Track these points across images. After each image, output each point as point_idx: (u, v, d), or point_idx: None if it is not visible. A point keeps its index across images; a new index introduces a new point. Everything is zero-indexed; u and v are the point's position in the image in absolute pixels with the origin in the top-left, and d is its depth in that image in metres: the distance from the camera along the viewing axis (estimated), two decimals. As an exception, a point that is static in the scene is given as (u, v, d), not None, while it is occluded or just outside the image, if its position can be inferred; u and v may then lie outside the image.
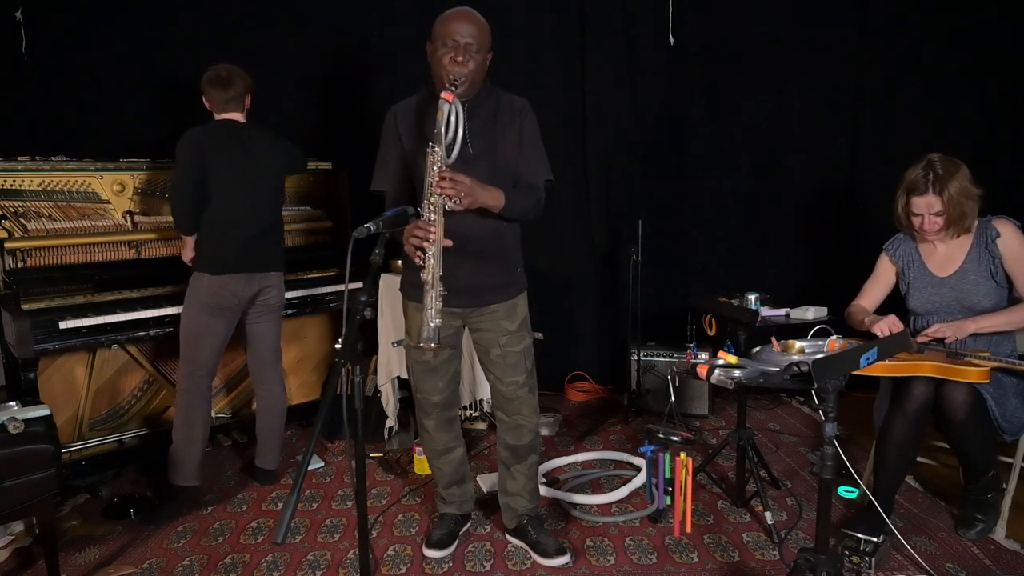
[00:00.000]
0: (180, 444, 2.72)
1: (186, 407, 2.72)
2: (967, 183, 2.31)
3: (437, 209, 1.90)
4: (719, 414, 3.70)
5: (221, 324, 2.73)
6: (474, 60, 2.01)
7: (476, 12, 2.06)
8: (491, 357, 2.27)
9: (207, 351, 2.72)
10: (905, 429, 2.28)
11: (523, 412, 2.31)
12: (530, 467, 2.40)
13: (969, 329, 2.33)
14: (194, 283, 2.70)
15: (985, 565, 2.23)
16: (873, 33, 3.72)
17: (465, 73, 1.99)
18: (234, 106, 2.74)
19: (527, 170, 2.17)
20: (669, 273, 3.99)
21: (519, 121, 2.14)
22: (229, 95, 2.70)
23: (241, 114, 2.77)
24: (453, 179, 1.89)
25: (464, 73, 1.99)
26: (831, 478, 1.71)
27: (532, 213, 2.18)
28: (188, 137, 2.65)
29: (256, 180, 2.74)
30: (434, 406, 2.34)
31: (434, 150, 1.89)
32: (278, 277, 2.87)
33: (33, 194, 2.86)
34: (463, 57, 1.99)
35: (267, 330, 2.90)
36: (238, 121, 2.76)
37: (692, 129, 3.90)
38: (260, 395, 2.96)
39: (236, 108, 2.75)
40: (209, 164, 2.64)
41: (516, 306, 2.26)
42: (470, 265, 2.10)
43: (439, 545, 2.41)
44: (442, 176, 1.88)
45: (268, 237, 2.81)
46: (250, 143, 2.74)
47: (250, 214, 2.73)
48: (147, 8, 3.48)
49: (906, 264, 2.51)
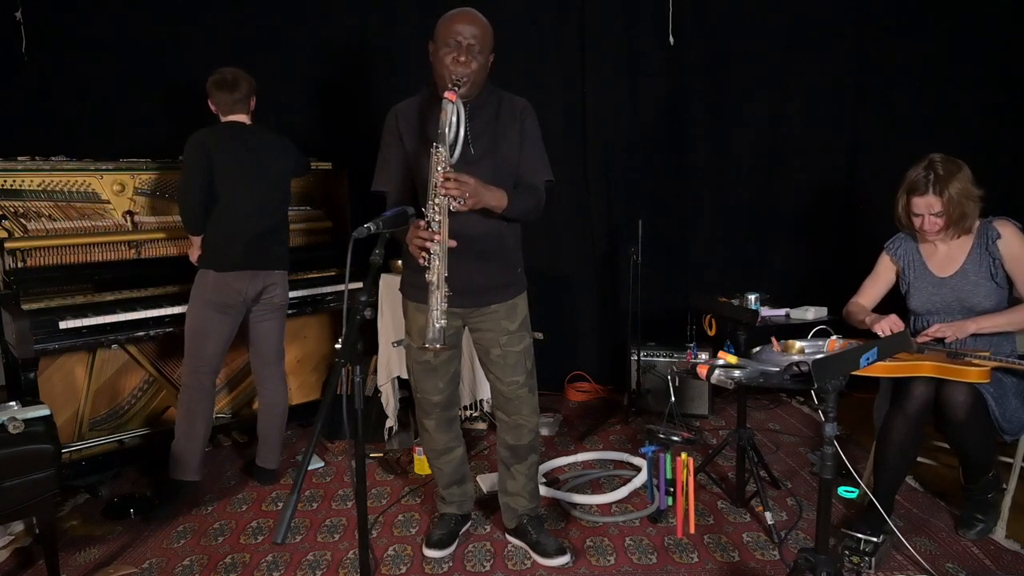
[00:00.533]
0: (182, 439, 2.74)
1: (189, 403, 2.74)
2: (968, 184, 2.31)
3: (442, 210, 1.90)
4: (719, 414, 3.69)
5: (225, 321, 2.75)
6: (476, 61, 2.01)
7: (479, 13, 2.06)
8: (491, 357, 2.27)
9: (211, 348, 2.74)
10: (905, 429, 2.28)
11: (523, 412, 2.31)
12: (530, 467, 2.40)
13: (969, 329, 2.33)
14: (199, 280, 2.73)
15: (985, 565, 2.23)
16: (873, 33, 3.72)
17: (468, 73, 1.99)
18: (240, 108, 2.77)
19: (528, 170, 2.17)
20: (669, 273, 4.00)
21: (520, 121, 2.14)
22: (235, 97, 2.74)
23: (247, 116, 2.80)
24: (458, 180, 1.89)
25: (467, 73, 1.99)
26: (831, 478, 1.71)
27: (533, 213, 2.18)
28: (195, 138, 2.68)
29: (262, 180, 2.77)
30: (434, 406, 2.34)
31: (438, 151, 1.89)
32: (282, 276, 2.89)
33: (33, 194, 2.86)
34: (466, 57, 1.99)
35: (270, 329, 2.91)
36: (244, 123, 2.79)
37: (692, 129, 3.90)
38: (262, 394, 2.96)
39: (242, 110, 2.78)
40: (216, 165, 2.67)
41: (516, 306, 2.26)
42: (471, 265, 2.10)
43: (439, 545, 2.41)
44: (447, 177, 1.88)
45: (273, 236, 2.84)
46: (256, 144, 2.77)
47: (256, 213, 2.76)
48: (147, 8, 3.47)
49: (907, 264, 2.51)
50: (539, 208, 2.19)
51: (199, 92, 2.78)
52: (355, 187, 3.51)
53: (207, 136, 2.69)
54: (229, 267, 2.70)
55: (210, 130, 2.73)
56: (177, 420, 2.76)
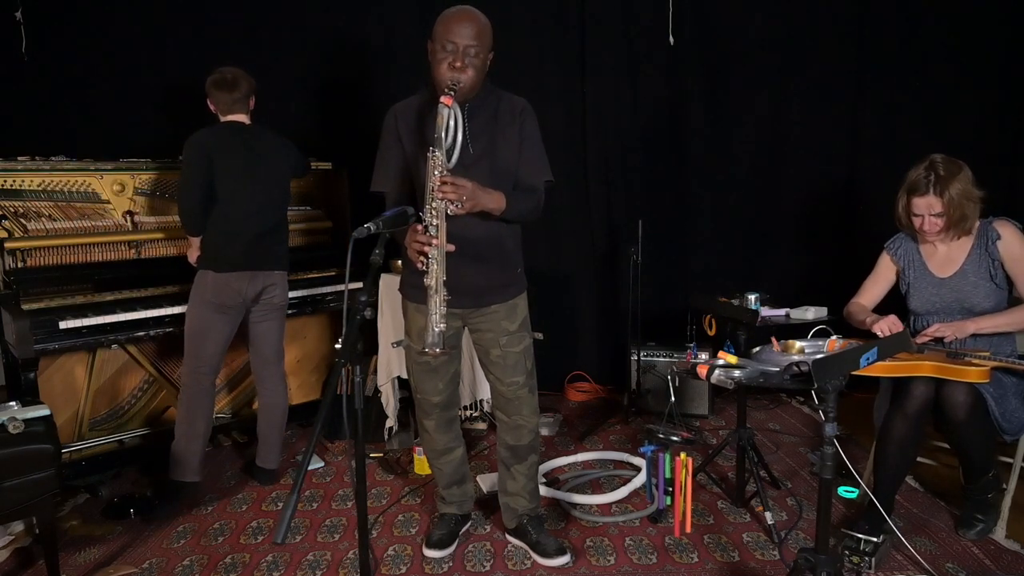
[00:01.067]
0: (182, 440, 2.73)
1: (189, 403, 2.74)
2: (969, 185, 2.31)
3: (439, 214, 1.89)
4: (719, 414, 3.69)
5: (225, 322, 2.74)
6: (473, 66, 1.99)
7: (478, 12, 2.03)
8: (491, 358, 2.27)
9: (211, 348, 2.74)
10: (905, 429, 2.28)
11: (523, 412, 2.31)
12: (530, 467, 2.40)
13: (969, 329, 2.33)
14: (199, 281, 2.72)
15: (985, 565, 2.23)
16: (873, 33, 3.72)
17: (464, 79, 1.98)
18: (239, 108, 2.77)
19: (527, 171, 2.16)
20: (669, 273, 3.99)
21: (520, 122, 2.13)
22: (234, 97, 2.73)
23: (246, 116, 2.80)
24: (455, 183, 1.89)
25: (463, 79, 1.98)
26: (831, 478, 1.71)
27: (532, 215, 2.17)
28: (195, 139, 2.68)
29: (262, 180, 2.76)
30: (434, 406, 2.34)
31: (435, 155, 1.88)
32: (282, 276, 2.88)
33: (33, 194, 2.86)
34: (461, 63, 1.98)
35: (270, 329, 2.90)
36: (244, 123, 2.78)
37: (692, 129, 3.89)
38: (262, 394, 2.96)
39: (241, 110, 2.77)
40: (216, 165, 2.66)
41: (516, 306, 2.26)
42: (470, 267, 2.10)
43: (439, 545, 2.41)
44: (444, 180, 1.88)
45: (273, 236, 2.83)
46: (256, 144, 2.77)
47: (255, 213, 2.75)
48: (147, 8, 3.48)
49: (907, 264, 2.51)
50: (538, 209, 2.19)
51: (199, 92, 2.78)
52: (355, 187, 3.51)
53: (207, 136, 2.68)
54: (229, 268, 2.70)
55: (210, 130, 2.72)
56: (177, 421, 2.76)
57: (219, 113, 2.78)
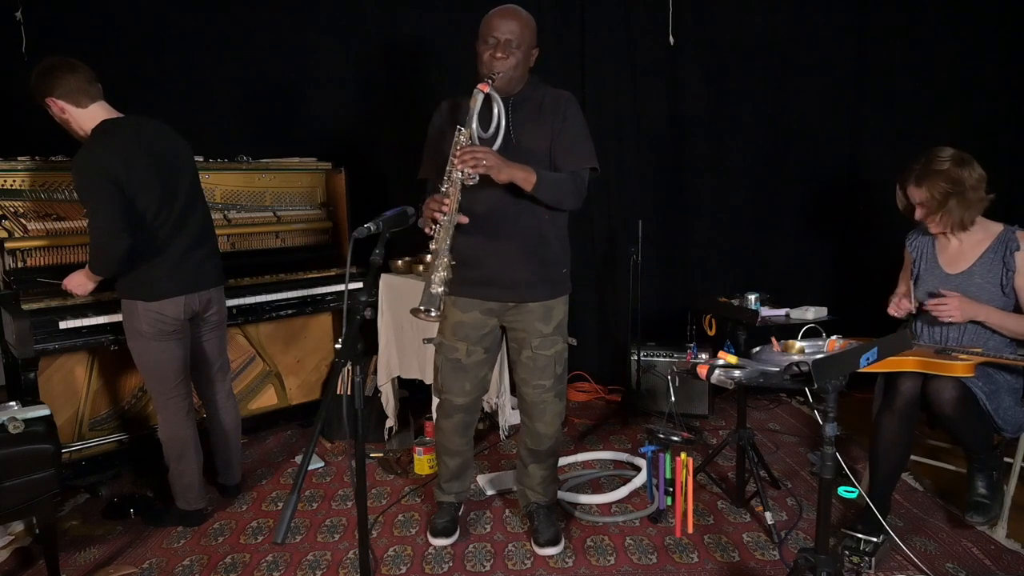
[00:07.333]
0: (175, 472, 2.57)
1: (171, 435, 2.53)
2: (965, 180, 2.29)
3: (454, 183, 1.96)
4: (719, 414, 3.69)
5: (173, 346, 2.47)
6: (514, 56, 2.08)
7: (519, 8, 2.13)
8: (521, 358, 2.29)
9: (171, 375, 2.48)
10: (895, 426, 2.27)
11: (546, 418, 2.33)
12: (548, 468, 2.44)
13: (977, 313, 2.30)
14: (127, 313, 2.42)
15: (985, 565, 2.23)
16: (873, 32, 3.72)
17: (503, 68, 2.07)
18: (99, 92, 2.34)
19: (566, 155, 2.17)
20: (669, 273, 3.99)
21: (563, 111, 2.17)
22: (88, 77, 2.30)
23: (107, 103, 2.38)
24: (473, 152, 1.94)
25: (502, 68, 2.07)
26: (831, 478, 1.71)
27: (570, 199, 2.16)
28: (92, 160, 2.22)
29: (175, 187, 2.41)
30: (456, 408, 2.36)
31: (460, 131, 1.98)
32: (218, 292, 2.62)
33: (33, 194, 2.86)
34: (502, 53, 2.07)
35: (211, 347, 2.67)
36: (119, 115, 2.37)
37: (692, 129, 3.89)
38: (210, 414, 2.73)
39: (101, 95, 2.35)
40: (130, 182, 2.26)
41: (553, 308, 2.25)
42: (509, 259, 2.13)
43: (445, 533, 2.45)
44: (464, 149, 1.95)
45: (201, 250, 2.50)
46: (153, 140, 2.39)
47: (177, 228, 2.41)
48: (146, 8, 3.47)
49: (919, 255, 2.53)
50: (578, 194, 2.17)
51: (199, 92, 2.75)
52: (355, 187, 3.51)
53: (103, 155, 2.23)
54: (156, 296, 2.37)
55: (100, 143, 2.25)
56: (165, 452, 2.56)
57: (76, 106, 2.30)
